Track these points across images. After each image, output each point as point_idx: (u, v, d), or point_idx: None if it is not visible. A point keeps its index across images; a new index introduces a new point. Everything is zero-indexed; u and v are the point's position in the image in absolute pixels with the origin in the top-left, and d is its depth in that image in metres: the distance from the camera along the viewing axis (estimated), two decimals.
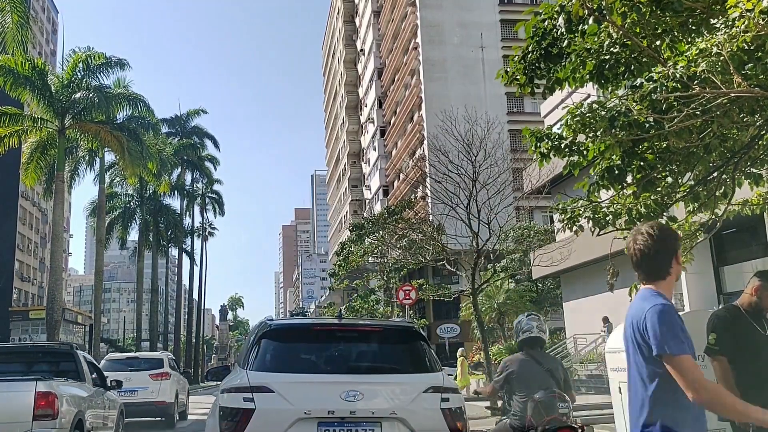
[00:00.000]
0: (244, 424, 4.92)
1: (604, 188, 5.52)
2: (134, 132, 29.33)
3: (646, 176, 5.25)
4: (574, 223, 6.16)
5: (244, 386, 5.10)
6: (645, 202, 5.53)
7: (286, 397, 5.07)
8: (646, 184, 5.35)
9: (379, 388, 5.28)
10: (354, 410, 4.98)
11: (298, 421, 4.96)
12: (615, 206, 5.83)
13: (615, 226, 5.99)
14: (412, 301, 17.47)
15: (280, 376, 5.24)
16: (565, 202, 6.37)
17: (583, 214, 6.02)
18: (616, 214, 5.82)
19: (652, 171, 5.20)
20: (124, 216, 48.26)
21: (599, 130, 4.89)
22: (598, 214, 5.91)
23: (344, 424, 4.98)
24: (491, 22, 57.13)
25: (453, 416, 5.19)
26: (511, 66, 6.26)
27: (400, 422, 5.07)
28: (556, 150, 6.79)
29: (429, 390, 5.25)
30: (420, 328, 6.45)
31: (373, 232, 30.60)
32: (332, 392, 5.03)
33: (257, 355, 5.43)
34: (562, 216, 6.28)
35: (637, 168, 5.21)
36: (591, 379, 22.72)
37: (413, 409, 5.14)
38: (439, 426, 5.13)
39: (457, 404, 5.31)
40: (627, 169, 5.22)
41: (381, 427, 5.04)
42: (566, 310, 30.02)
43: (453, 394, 5.37)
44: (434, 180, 17.36)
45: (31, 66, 26.32)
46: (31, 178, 29.60)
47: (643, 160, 5.13)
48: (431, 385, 5.28)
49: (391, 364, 5.73)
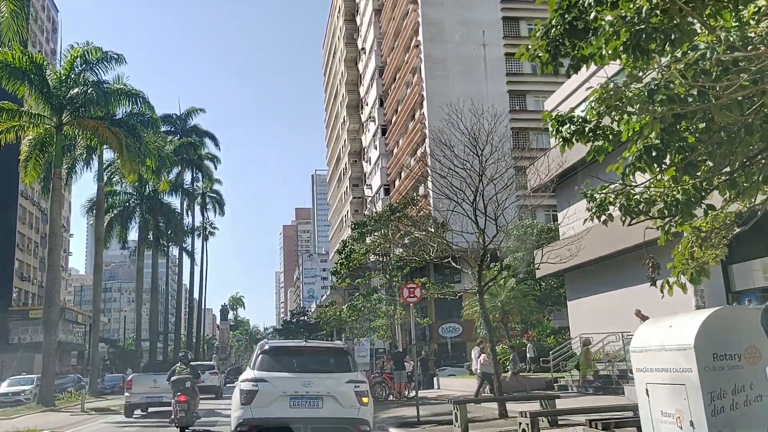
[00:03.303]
0: (252, 397, 9.41)
1: (640, 171, 5.07)
2: (133, 128, 28.86)
3: (685, 158, 4.80)
4: (603, 212, 5.69)
5: (252, 378, 9.72)
6: (683, 187, 5.07)
7: (274, 384, 9.52)
8: (687, 167, 4.89)
9: (322, 380, 9.65)
10: (308, 392, 9.42)
11: (280, 397, 9.41)
12: (650, 192, 5.37)
13: (649, 215, 5.52)
14: (417, 299, 16.99)
15: (271, 373, 9.74)
16: (593, 188, 5.91)
17: (615, 201, 5.56)
18: (650, 201, 5.36)
19: (693, 153, 4.76)
20: (123, 214, 47.81)
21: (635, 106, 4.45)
22: (631, 201, 5.44)
23: (303, 398, 9.40)
24: (493, 19, 56.71)
25: (360, 394, 9.62)
26: (533, 42, 5.80)
27: (332, 398, 9.48)
28: (579, 134, 6.36)
29: (349, 381, 9.70)
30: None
31: (376, 230, 30.11)
32: (297, 382, 9.52)
33: (259, 362, 10.05)
34: (590, 204, 5.80)
35: (676, 150, 4.77)
36: (598, 379, 22.28)
37: (339, 391, 9.54)
38: (353, 400, 9.53)
39: (363, 388, 9.76)
40: (666, 150, 4.77)
41: (323, 400, 9.44)
42: (570, 309, 29.56)
43: (361, 383, 9.84)
44: (439, 175, 16.86)
45: (28, 60, 25.89)
46: (30, 176, 29.19)
47: (683, 140, 4.69)
48: (350, 378, 9.77)
49: (329, 367, 10.13)
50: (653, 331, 6.49)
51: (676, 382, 6.11)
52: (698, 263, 6.01)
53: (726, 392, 5.83)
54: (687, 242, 6.14)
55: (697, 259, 6.00)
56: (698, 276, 6.11)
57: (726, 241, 6.06)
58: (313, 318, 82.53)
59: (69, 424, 20.02)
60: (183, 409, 15.20)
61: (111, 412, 24.19)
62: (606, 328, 23.33)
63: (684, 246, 6.17)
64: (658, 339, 6.33)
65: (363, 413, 9.53)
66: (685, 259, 6.09)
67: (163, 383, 17.84)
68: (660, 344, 6.27)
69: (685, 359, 5.92)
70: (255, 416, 9.26)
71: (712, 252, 5.99)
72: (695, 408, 5.90)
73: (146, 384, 20.90)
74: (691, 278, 6.14)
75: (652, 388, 6.46)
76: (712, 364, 5.83)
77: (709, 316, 5.94)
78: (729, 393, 5.83)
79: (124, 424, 19.10)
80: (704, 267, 6.06)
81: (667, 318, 6.56)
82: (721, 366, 5.83)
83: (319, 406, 9.37)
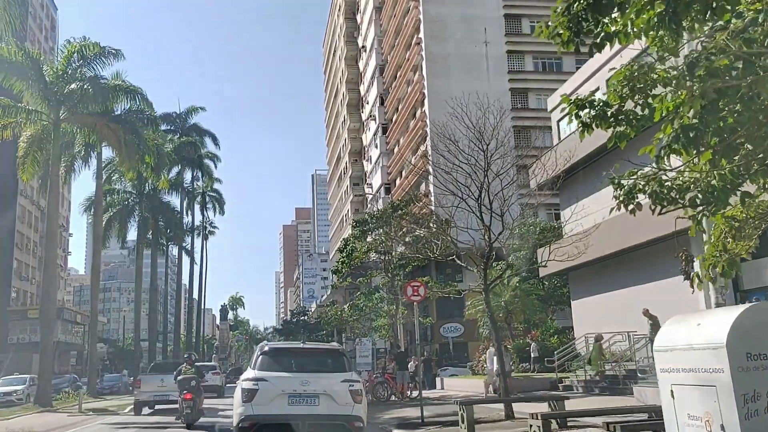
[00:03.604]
0: (253, 395, 9.94)
1: (675, 153, 4.66)
2: (131, 125, 28.42)
3: (723, 141, 4.39)
4: (631, 200, 5.28)
5: (253, 378, 10.22)
6: (720, 172, 4.66)
7: (273, 383, 10.04)
8: (726, 149, 4.49)
9: (319, 379, 10.13)
10: (306, 390, 9.90)
11: (279, 395, 9.91)
12: (683, 178, 4.96)
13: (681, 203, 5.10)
14: (421, 297, 16.57)
15: (271, 373, 10.26)
16: (621, 174, 5.50)
17: (646, 188, 5.15)
18: (683, 187, 4.94)
19: (732, 134, 4.36)
20: (122, 213, 47.39)
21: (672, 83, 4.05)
22: (663, 188, 5.02)
23: (301, 396, 9.86)
24: (495, 17, 56.37)
25: (354, 392, 10.13)
26: (553, 19, 5.40)
27: (328, 396, 9.97)
28: (600, 119, 5.97)
29: (344, 380, 10.21)
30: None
31: (377, 228, 29.68)
32: (296, 381, 10.02)
33: (259, 362, 10.58)
34: (617, 191, 5.39)
35: (713, 131, 4.36)
36: (605, 380, 21.87)
37: (335, 389, 10.04)
38: (348, 398, 10.02)
39: (357, 387, 10.30)
40: (705, 131, 4.36)
41: (319, 398, 9.93)
42: (574, 309, 29.17)
43: (356, 382, 10.39)
44: (443, 171, 16.47)
45: (24, 55, 25.46)
46: (28, 173, 28.75)
47: (722, 120, 4.29)
48: (345, 378, 10.28)
49: (326, 367, 10.62)
50: (679, 329, 6.09)
51: (705, 384, 5.71)
52: (731, 255, 5.62)
53: (760, 394, 5.43)
54: (719, 233, 5.75)
55: (730, 250, 5.61)
56: (729, 269, 5.72)
57: (759, 232, 5.66)
58: (313, 318, 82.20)
59: (66, 425, 19.66)
60: (189, 406, 16.17)
61: (109, 412, 23.79)
62: (611, 328, 22.94)
63: (716, 237, 5.78)
64: (685, 338, 5.94)
65: (357, 410, 10.12)
66: (717, 251, 5.69)
67: (169, 382, 18.83)
68: (687, 343, 5.87)
69: (716, 359, 5.52)
70: (256, 413, 9.93)
71: (744, 244, 5.60)
72: (727, 411, 5.51)
73: (154, 383, 22.08)
74: (722, 271, 5.74)
75: (678, 389, 6.06)
76: (746, 365, 5.44)
77: (741, 313, 5.55)
78: (764, 395, 5.44)
79: (121, 425, 18.76)
80: (735, 260, 5.68)
81: (694, 315, 6.17)
82: (755, 366, 5.44)
83: (316, 404, 9.96)
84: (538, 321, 34.38)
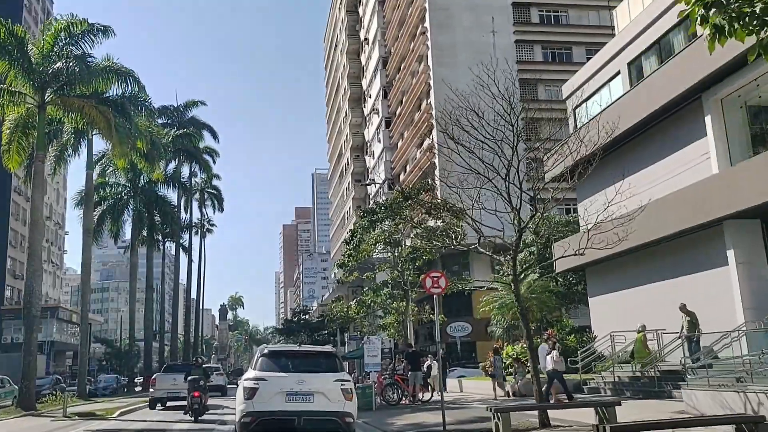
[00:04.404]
0: (253, 394, 11.04)
1: None
2: (122, 107, 26.49)
3: None
4: None
5: (253, 377, 11.30)
6: None
7: (272, 382, 11.11)
8: None
9: (313, 379, 11.20)
10: (301, 389, 11.03)
11: (277, 393, 11.00)
12: None
13: None
14: (442, 289, 14.79)
15: (270, 373, 11.34)
16: None
17: None
18: None
19: None
20: (115, 207, 45.45)
21: None
22: None
23: (297, 394, 10.99)
24: (503, 5, 54.72)
25: (345, 391, 11.22)
26: None
27: (322, 394, 11.05)
28: (738, 20, 4.17)
29: (336, 380, 11.30)
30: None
31: (387, 218, 27.78)
32: (292, 380, 11.13)
33: (259, 363, 11.67)
34: None
35: None
36: (635, 382, 20.01)
37: (328, 388, 11.15)
38: (339, 396, 11.13)
39: (348, 386, 11.39)
40: None
41: (313, 396, 11.03)
42: (592, 306, 27.38)
43: (347, 382, 11.47)
44: (466, 149, 14.63)
45: (7, 32, 23.58)
46: (15, 162, 26.83)
47: None
48: (338, 377, 11.38)
49: (320, 368, 11.64)
50: None
51: None
52: None
53: None
54: None
55: None
56: None
57: None
58: (315, 316, 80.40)
59: (46, 431, 17.85)
60: (197, 402, 18.50)
61: (96, 417, 21.90)
62: (635, 326, 21.02)
63: None
64: None
65: (348, 407, 11.17)
66: None
67: (180, 382, 21.45)
68: None
69: None
70: (256, 409, 10.91)
71: None
72: None
73: (167, 382, 25.26)
74: None
75: None
76: None
77: None
78: None
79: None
80: None
81: None
82: None
83: (311, 401, 10.99)
84: (554, 319, 32.46)
